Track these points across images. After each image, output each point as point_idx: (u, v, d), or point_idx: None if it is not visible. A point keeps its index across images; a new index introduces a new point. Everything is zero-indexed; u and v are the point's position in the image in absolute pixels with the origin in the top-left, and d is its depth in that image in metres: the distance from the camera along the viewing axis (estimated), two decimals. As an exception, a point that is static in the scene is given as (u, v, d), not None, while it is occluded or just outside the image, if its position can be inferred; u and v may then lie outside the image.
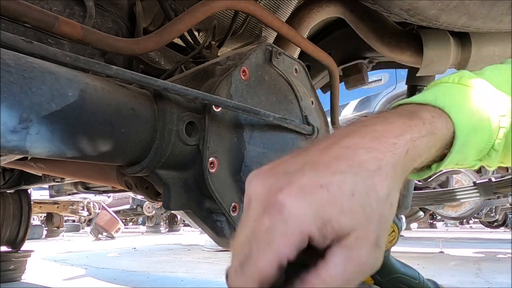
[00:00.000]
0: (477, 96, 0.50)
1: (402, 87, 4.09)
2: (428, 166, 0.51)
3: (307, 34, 1.30)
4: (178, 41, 1.18)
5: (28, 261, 3.10)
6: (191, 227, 10.42)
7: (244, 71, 0.78)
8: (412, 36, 1.35)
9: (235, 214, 0.75)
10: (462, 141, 0.48)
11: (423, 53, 1.31)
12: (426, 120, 0.43)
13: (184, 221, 9.92)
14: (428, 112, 0.45)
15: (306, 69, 1.00)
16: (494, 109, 0.49)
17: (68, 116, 0.53)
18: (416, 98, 0.48)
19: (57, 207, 7.33)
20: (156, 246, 6.29)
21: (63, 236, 8.85)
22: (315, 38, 1.73)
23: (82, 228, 11.42)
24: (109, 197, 7.47)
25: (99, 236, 7.93)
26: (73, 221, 11.99)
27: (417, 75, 1.42)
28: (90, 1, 0.84)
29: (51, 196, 3.12)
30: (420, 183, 2.28)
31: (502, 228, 8.68)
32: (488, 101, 0.49)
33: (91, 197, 6.92)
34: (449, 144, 0.47)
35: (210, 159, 0.70)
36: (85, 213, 7.90)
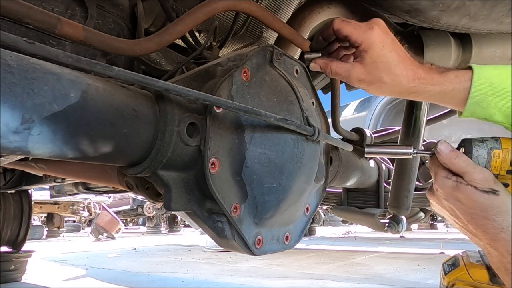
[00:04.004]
0: (508, 72, 0.68)
1: (403, 88, 4.07)
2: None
3: (308, 35, 1.30)
4: (179, 42, 1.18)
5: (28, 262, 3.10)
6: (191, 227, 10.42)
7: (245, 72, 0.78)
8: (413, 37, 1.35)
9: (236, 214, 0.76)
10: (478, 97, 0.69)
11: (424, 54, 1.31)
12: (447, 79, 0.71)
13: (184, 221, 9.92)
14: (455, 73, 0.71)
15: (307, 70, 1.00)
16: None
17: (70, 117, 0.54)
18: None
19: (58, 208, 7.33)
20: (156, 247, 6.29)
21: (63, 236, 8.84)
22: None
23: (83, 229, 11.41)
24: (109, 197, 7.47)
25: (100, 236, 7.93)
26: (74, 221, 11.98)
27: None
28: (92, 2, 0.85)
29: (51, 196, 3.12)
30: (421, 184, 2.28)
31: (502, 229, 8.65)
32: None
33: (91, 197, 6.92)
34: None
35: (211, 159, 0.70)
36: (85, 213, 7.90)
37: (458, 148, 0.70)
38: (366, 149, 0.74)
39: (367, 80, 0.73)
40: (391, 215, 2.04)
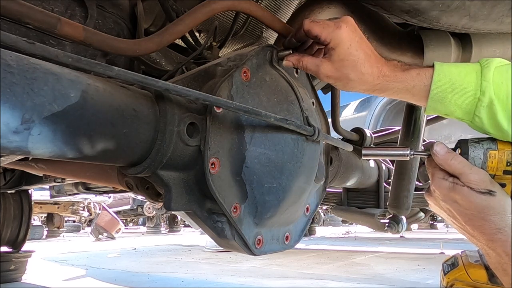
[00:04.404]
0: (467, 69, 0.68)
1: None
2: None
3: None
4: (179, 42, 1.18)
5: (28, 262, 3.10)
6: (191, 227, 10.42)
7: (245, 72, 0.78)
8: (413, 37, 1.35)
9: (236, 214, 0.76)
10: (438, 94, 0.70)
11: (423, 54, 1.31)
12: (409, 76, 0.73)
13: (184, 221, 9.92)
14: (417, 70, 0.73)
15: (307, 70, 1.00)
16: (477, 84, 0.67)
17: (70, 117, 0.54)
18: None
19: (58, 208, 7.32)
20: (156, 247, 6.29)
21: (63, 236, 8.83)
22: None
23: (83, 229, 11.40)
24: (109, 197, 7.46)
25: (100, 236, 7.93)
26: (74, 221, 11.98)
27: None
28: (92, 2, 0.85)
29: (51, 196, 3.12)
30: (421, 184, 2.28)
31: (502, 229, 8.64)
32: (475, 77, 0.67)
33: (91, 197, 6.91)
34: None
35: (211, 159, 0.70)
36: (85, 213, 7.89)
37: (454, 149, 0.71)
38: (363, 152, 0.76)
39: (334, 77, 0.76)
40: (391, 215, 2.04)
